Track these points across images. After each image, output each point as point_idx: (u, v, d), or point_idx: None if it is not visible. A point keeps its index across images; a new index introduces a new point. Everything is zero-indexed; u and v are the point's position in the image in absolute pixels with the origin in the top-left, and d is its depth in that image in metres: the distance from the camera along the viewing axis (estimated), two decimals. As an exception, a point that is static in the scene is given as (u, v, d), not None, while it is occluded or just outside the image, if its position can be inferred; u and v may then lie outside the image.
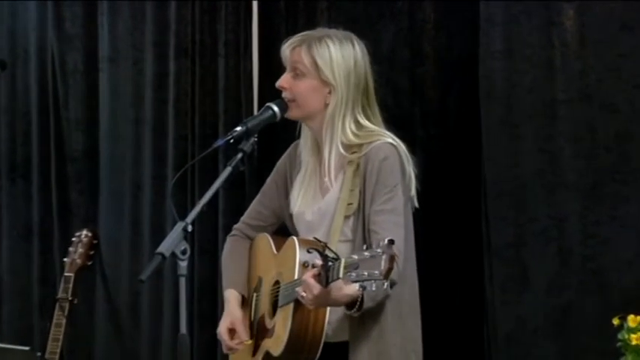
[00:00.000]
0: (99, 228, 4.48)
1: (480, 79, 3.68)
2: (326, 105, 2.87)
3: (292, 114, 2.91)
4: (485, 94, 3.67)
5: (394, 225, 2.76)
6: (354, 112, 2.86)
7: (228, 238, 3.14)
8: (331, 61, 2.85)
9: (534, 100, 3.63)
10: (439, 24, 3.85)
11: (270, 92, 4.02)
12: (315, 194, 2.93)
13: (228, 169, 2.70)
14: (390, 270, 2.40)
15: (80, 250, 4.33)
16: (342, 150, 2.86)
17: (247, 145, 2.74)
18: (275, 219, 3.07)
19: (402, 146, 2.86)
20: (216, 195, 2.76)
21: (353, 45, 2.89)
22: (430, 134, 3.86)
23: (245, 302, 3.03)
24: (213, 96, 4.23)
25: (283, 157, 3.08)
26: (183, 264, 2.48)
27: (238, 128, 2.76)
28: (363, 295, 2.62)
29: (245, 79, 4.16)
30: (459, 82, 3.83)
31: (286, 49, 2.91)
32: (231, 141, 2.74)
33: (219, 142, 2.75)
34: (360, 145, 2.85)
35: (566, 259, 3.59)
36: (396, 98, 3.86)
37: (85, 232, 4.39)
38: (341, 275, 2.50)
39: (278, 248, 2.96)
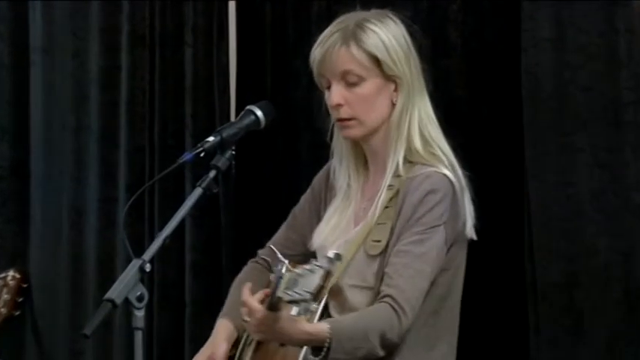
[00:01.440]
0: (29, 267, 4.49)
1: (522, 75, 3.69)
2: (393, 105, 2.88)
3: (352, 133, 2.89)
4: (528, 94, 3.68)
5: (416, 273, 2.75)
6: (426, 106, 2.90)
7: (248, 264, 3.14)
8: (386, 47, 2.86)
9: (592, 102, 3.64)
10: (468, 4, 3.86)
11: (252, 91, 4.02)
12: (348, 225, 2.93)
13: (198, 192, 2.69)
14: (321, 288, 2.38)
15: (5, 296, 4.35)
16: (400, 162, 2.84)
17: (222, 161, 2.74)
18: (305, 249, 3.06)
19: (461, 181, 2.87)
20: (182, 225, 2.76)
21: (395, 22, 2.92)
22: (457, 143, 3.84)
23: (238, 342, 3.01)
24: (178, 96, 4.23)
25: (322, 172, 3.09)
26: (140, 314, 2.49)
27: (211, 138, 2.76)
28: (331, 340, 2.59)
29: (219, 75, 4.16)
30: (494, 78, 3.83)
31: (325, 55, 2.86)
32: (202, 155, 2.73)
33: (186, 156, 2.73)
34: (412, 165, 2.84)
35: (633, 305, 3.60)
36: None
37: (11, 272, 4.41)
38: (280, 293, 2.49)
39: None
